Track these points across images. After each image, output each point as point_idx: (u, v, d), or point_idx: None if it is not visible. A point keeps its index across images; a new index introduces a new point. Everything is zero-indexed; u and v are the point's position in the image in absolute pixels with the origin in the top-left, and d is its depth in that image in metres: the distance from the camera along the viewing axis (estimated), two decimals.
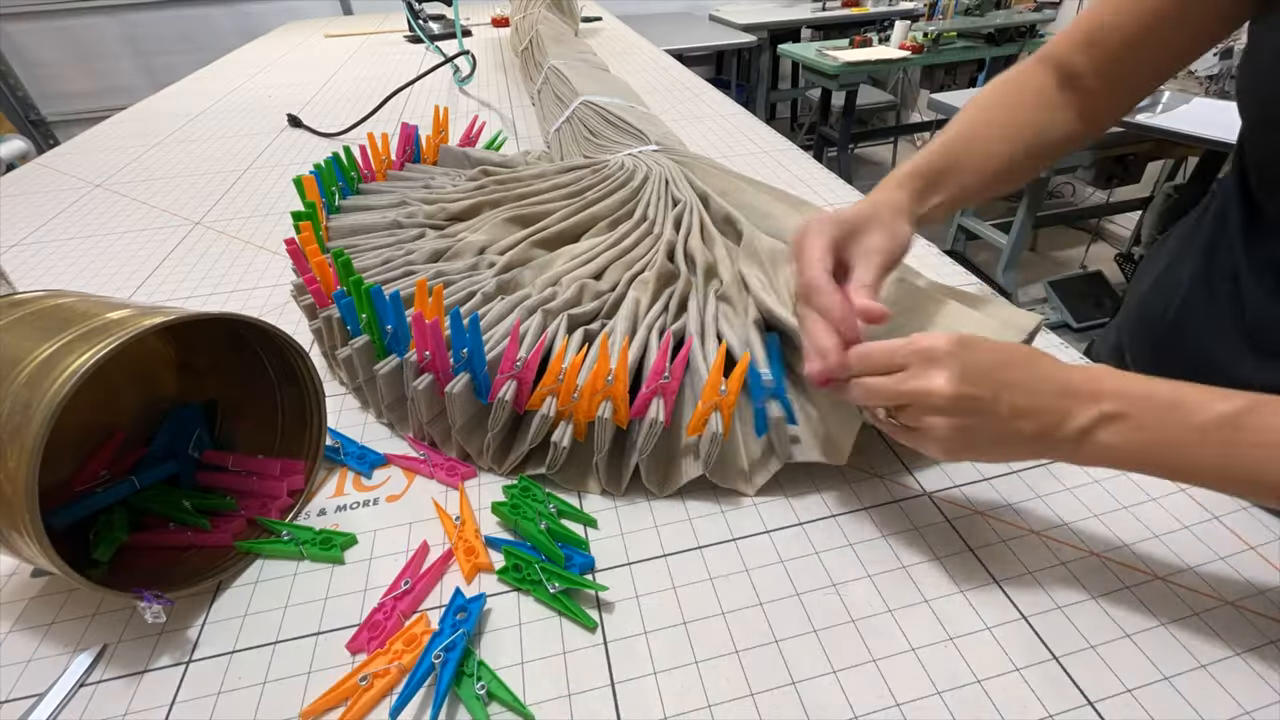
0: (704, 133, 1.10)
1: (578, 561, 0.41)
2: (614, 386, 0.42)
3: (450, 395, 0.45)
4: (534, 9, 1.49)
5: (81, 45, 2.74)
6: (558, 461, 0.45)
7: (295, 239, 0.59)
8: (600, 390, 0.43)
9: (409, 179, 0.80)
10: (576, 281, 0.55)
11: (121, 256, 0.81)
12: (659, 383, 0.43)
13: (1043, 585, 0.39)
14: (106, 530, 0.42)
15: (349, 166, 0.77)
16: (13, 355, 0.35)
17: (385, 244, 0.64)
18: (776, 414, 0.44)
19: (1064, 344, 0.58)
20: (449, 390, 0.45)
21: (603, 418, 0.43)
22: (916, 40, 2.37)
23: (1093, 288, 2.02)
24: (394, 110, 1.25)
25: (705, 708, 0.34)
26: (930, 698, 0.34)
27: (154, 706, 0.36)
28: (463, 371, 0.45)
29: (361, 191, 0.77)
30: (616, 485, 0.46)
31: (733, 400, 0.43)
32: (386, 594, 0.40)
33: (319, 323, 0.56)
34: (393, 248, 0.63)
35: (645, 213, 0.64)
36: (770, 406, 0.44)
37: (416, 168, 0.84)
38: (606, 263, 0.58)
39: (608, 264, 0.58)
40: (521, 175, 0.75)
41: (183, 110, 1.38)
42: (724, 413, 0.42)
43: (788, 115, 3.67)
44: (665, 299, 0.54)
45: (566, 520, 0.44)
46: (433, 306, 0.47)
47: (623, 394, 0.43)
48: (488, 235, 0.63)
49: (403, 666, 0.36)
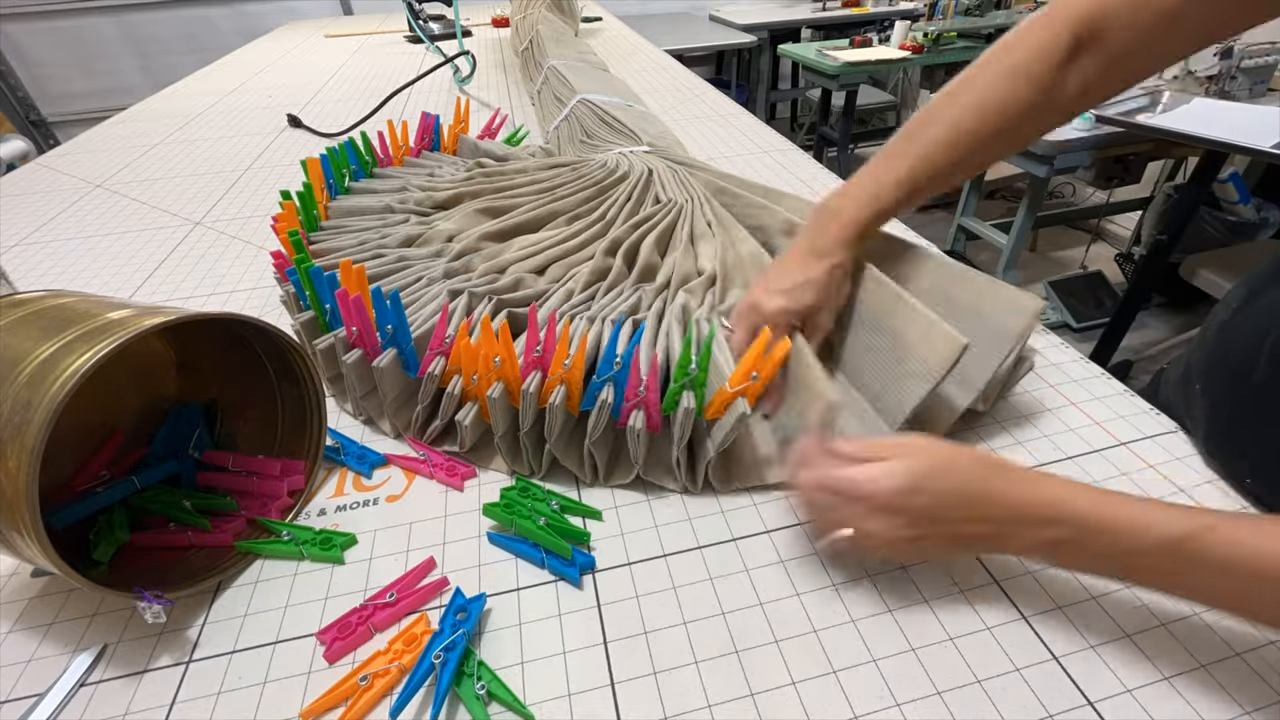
0: (704, 133, 1.10)
1: (579, 560, 0.41)
2: (503, 368, 0.44)
3: (378, 369, 0.47)
4: (534, 9, 1.49)
5: (82, 45, 2.73)
6: (465, 442, 0.48)
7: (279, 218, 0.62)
8: (490, 371, 0.44)
9: (421, 166, 0.82)
10: (516, 272, 0.58)
11: (122, 257, 0.81)
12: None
13: (1043, 586, 0.39)
14: (107, 530, 0.42)
15: (365, 151, 0.80)
16: (13, 355, 0.35)
17: (370, 226, 0.67)
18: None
19: (1064, 344, 0.58)
20: (376, 364, 0.47)
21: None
22: (916, 40, 2.37)
23: (1093, 288, 2.02)
24: (394, 110, 1.25)
25: (705, 708, 0.34)
26: (930, 698, 0.34)
27: (154, 706, 0.36)
28: (390, 347, 0.47)
29: (376, 175, 0.79)
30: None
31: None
32: (371, 598, 0.40)
33: (284, 295, 0.59)
34: (374, 230, 0.66)
35: (605, 211, 0.66)
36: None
37: (433, 156, 0.85)
38: (551, 257, 0.60)
39: (551, 258, 0.60)
40: (506, 169, 0.76)
41: (183, 110, 1.38)
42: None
43: (788, 115, 3.67)
44: (592, 291, 0.57)
45: (571, 515, 0.44)
46: (354, 283, 0.49)
47: (515, 376, 0.44)
48: (457, 224, 0.65)
49: (403, 666, 0.36)
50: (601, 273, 0.58)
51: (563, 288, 0.56)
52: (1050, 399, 0.52)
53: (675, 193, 0.67)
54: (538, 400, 0.44)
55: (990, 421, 0.50)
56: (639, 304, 0.55)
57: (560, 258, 0.61)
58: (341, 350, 0.49)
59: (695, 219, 0.64)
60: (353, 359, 0.48)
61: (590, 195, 0.68)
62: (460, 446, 0.49)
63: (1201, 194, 1.55)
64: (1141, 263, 1.74)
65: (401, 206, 0.70)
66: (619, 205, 0.66)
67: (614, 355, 0.43)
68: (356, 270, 0.50)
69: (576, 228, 0.64)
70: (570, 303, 0.55)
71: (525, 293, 0.56)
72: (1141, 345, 1.89)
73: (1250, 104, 1.42)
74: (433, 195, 0.71)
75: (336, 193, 0.74)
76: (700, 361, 0.42)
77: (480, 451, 0.50)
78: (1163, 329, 2.02)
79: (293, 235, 0.57)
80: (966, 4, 2.48)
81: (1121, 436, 0.49)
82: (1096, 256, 2.28)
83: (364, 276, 0.50)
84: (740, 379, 0.42)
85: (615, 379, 0.43)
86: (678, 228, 0.63)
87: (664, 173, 0.71)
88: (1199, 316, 1.92)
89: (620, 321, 0.51)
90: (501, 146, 0.86)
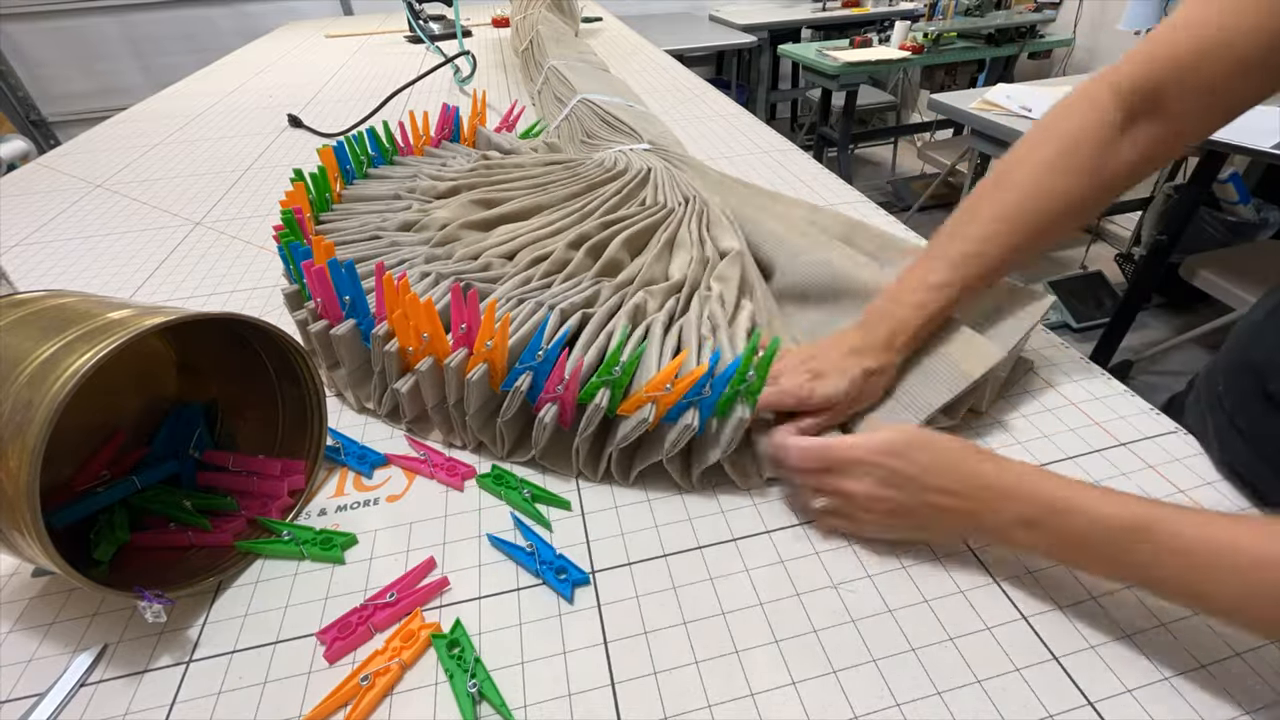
0: (704, 133, 1.10)
1: (573, 577, 0.40)
2: (431, 343, 0.46)
3: (335, 337, 0.50)
4: (534, 9, 1.49)
5: (82, 45, 2.73)
6: (405, 411, 0.51)
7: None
8: (421, 346, 0.46)
9: (437, 156, 0.84)
10: (489, 258, 0.60)
11: (122, 257, 0.81)
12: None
13: (1043, 585, 0.39)
14: (107, 530, 0.42)
15: (387, 139, 0.83)
16: (14, 355, 0.35)
17: (375, 211, 0.69)
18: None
19: (1064, 344, 0.58)
20: (333, 332, 0.49)
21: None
22: (916, 40, 2.37)
23: (1093, 288, 2.02)
24: (395, 110, 1.25)
25: (705, 708, 0.34)
26: (930, 698, 0.34)
27: (154, 706, 0.36)
28: (349, 318, 0.49)
29: (395, 163, 0.82)
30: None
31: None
32: (372, 598, 0.40)
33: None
34: (378, 215, 0.68)
35: (585, 206, 0.67)
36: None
37: (451, 147, 0.87)
38: (521, 244, 0.62)
39: (521, 245, 0.62)
40: (505, 164, 0.77)
41: (183, 110, 1.38)
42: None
43: (788, 115, 3.67)
44: (549, 280, 0.58)
45: (539, 503, 0.46)
46: (319, 254, 0.51)
47: (444, 351, 0.46)
48: (450, 213, 0.67)
49: (403, 662, 0.36)
50: (561, 264, 0.60)
51: (521, 273, 0.58)
52: (1050, 399, 0.52)
53: (670, 196, 0.67)
54: (459, 375, 0.46)
55: (990, 421, 0.50)
56: (596, 297, 0.55)
57: (529, 244, 0.62)
58: (311, 320, 0.52)
59: (682, 226, 0.63)
60: (316, 329, 0.51)
61: (578, 191, 0.69)
62: (401, 416, 0.52)
63: (1201, 194, 1.54)
64: (1141, 263, 1.74)
65: (408, 195, 0.72)
66: (601, 202, 0.67)
67: (538, 347, 0.45)
68: (326, 245, 0.53)
69: (555, 220, 0.65)
70: (525, 288, 0.56)
71: (490, 274, 0.58)
72: (1141, 345, 1.89)
73: None
74: (436, 185, 0.73)
75: (354, 178, 0.77)
76: (626, 366, 0.44)
77: (425, 423, 0.52)
78: (1163, 329, 2.02)
79: (286, 214, 0.60)
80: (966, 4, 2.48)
81: (1121, 437, 0.49)
82: (1096, 256, 2.28)
83: (332, 249, 0.53)
84: (656, 386, 0.42)
85: (536, 369, 0.45)
86: (658, 231, 0.63)
87: (662, 174, 0.71)
88: (1199, 317, 1.92)
89: (551, 312, 0.52)
90: (510, 140, 0.87)
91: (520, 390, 0.45)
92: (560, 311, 0.52)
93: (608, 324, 0.51)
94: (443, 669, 0.36)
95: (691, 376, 0.42)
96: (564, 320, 0.52)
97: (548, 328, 0.48)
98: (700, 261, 0.59)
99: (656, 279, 0.58)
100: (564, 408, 0.45)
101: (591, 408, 0.44)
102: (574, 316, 0.52)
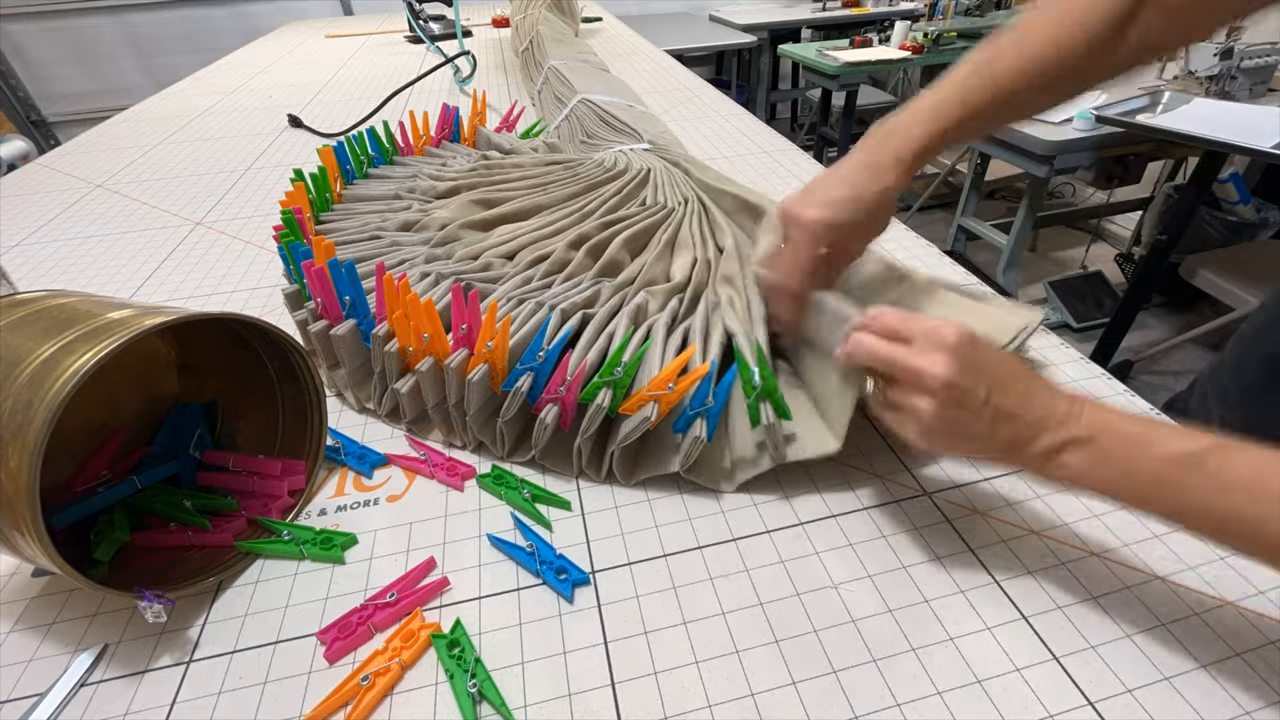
0: (704, 133, 1.10)
1: (573, 577, 0.41)
2: (431, 344, 0.46)
3: (335, 338, 0.50)
4: (534, 9, 1.49)
5: (82, 45, 2.73)
6: (405, 411, 0.50)
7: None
8: (421, 346, 0.46)
9: (437, 156, 0.84)
10: (489, 258, 0.60)
11: (122, 257, 0.81)
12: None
13: (1043, 585, 0.39)
14: (107, 530, 0.42)
15: (387, 139, 0.83)
16: (14, 355, 0.35)
17: (375, 211, 0.69)
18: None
19: (1064, 344, 0.58)
20: (333, 333, 0.50)
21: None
22: (917, 40, 2.37)
23: (1093, 288, 2.02)
24: (395, 111, 1.25)
25: (705, 708, 0.34)
26: (930, 698, 0.34)
27: (154, 706, 0.36)
28: (350, 319, 0.49)
29: (395, 163, 0.82)
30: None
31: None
32: (372, 598, 0.40)
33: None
34: (378, 215, 0.68)
35: (585, 206, 0.67)
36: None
37: (451, 147, 0.87)
38: (521, 244, 0.62)
39: (521, 245, 0.62)
40: (505, 164, 0.77)
41: (183, 110, 1.38)
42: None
43: (788, 115, 3.67)
44: (549, 280, 0.58)
45: (540, 504, 0.46)
46: (321, 256, 0.51)
47: (444, 351, 0.46)
48: (450, 213, 0.67)
49: (403, 662, 0.36)
50: (561, 264, 0.60)
51: (521, 273, 0.58)
52: None
53: (669, 197, 0.67)
54: (459, 375, 0.46)
55: None
56: (597, 297, 0.55)
57: (529, 244, 0.62)
58: (311, 320, 0.52)
59: (683, 226, 0.63)
60: (316, 329, 0.51)
61: (578, 191, 0.69)
62: (401, 416, 0.52)
63: (1201, 194, 1.54)
64: (1141, 263, 1.74)
65: (408, 195, 0.72)
66: (601, 202, 0.67)
67: (539, 348, 0.45)
68: (326, 245, 0.52)
69: (555, 220, 0.65)
70: (526, 288, 0.56)
71: (490, 274, 0.58)
72: (1141, 345, 1.89)
73: (1250, 104, 1.42)
74: (436, 185, 0.73)
75: (354, 178, 0.77)
76: (628, 367, 0.44)
77: (425, 423, 0.52)
78: (1163, 329, 2.01)
79: (286, 214, 0.60)
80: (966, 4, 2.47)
81: None
82: (1096, 257, 2.28)
83: (332, 250, 0.53)
84: (658, 385, 0.43)
85: (536, 370, 0.45)
86: (658, 232, 0.63)
87: (661, 174, 0.71)
88: (1199, 316, 1.92)
89: (553, 312, 0.51)
90: (510, 140, 0.87)
91: (521, 391, 0.45)
92: (561, 312, 0.52)
93: (609, 325, 0.51)
94: (443, 669, 0.36)
95: (694, 375, 0.42)
96: (565, 321, 0.52)
97: (549, 328, 0.48)
98: (704, 263, 0.59)
99: (657, 280, 0.58)
100: (565, 409, 0.45)
101: (593, 408, 0.44)
102: (575, 317, 0.52)
